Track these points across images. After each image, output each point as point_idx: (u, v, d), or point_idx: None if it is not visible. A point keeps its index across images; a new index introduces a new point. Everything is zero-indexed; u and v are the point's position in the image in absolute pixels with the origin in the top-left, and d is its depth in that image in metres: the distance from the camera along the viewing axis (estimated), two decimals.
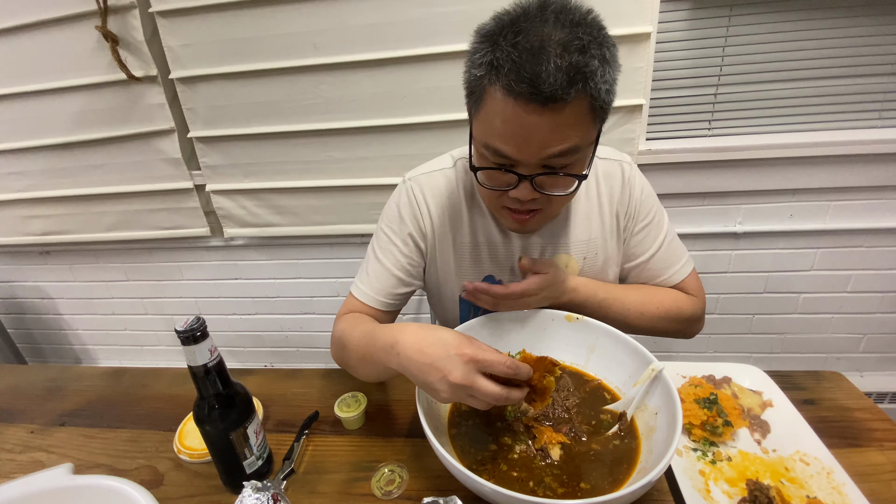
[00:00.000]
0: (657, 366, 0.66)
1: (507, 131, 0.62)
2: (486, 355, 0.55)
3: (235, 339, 2.02)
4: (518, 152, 0.63)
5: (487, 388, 0.55)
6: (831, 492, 0.61)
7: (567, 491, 0.59)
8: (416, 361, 0.58)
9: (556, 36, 0.56)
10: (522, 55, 0.56)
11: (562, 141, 0.61)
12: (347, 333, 0.75)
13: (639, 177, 0.87)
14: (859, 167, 1.40)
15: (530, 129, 0.60)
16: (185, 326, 0.57)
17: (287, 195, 1.62)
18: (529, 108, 0.58)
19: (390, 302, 0.85)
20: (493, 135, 0.64)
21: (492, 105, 0.62)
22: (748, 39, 1.35)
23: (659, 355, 0.68)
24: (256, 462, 0.67)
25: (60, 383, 0.97)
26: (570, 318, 0.78)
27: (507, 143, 0.63)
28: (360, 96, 1.45)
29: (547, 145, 0.61)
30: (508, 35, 0.58)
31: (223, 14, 1.38)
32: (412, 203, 0.85)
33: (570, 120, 0.60)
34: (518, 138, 0.62)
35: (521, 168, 0.65)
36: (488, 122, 0.64)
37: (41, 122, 1.59)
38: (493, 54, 0.59)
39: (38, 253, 1.94)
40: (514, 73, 0.57)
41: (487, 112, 0.63)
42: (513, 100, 0.59)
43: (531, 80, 0.56)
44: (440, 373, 0.55)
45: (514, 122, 0.60)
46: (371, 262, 0.86)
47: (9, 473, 0.76)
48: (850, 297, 1.60)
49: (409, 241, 0.85)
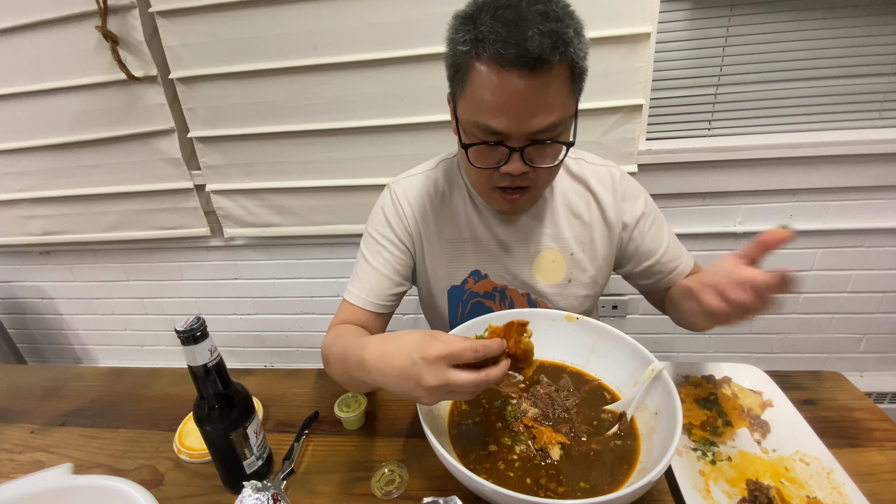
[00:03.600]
0: (657, 366, 0.66)
1: (496, 102, 0.64)
2: (451, 348, 0.53)
3: (235, 339, 2.02)
4: (508, 124, 0.65)
5: (463, 380, 0.53)
6: (831, 492, 0.61)
7: (567, 491, 0.59)
8: (387, 375, 0.57)
9: (534, 8, 0.60)
10: (507, 26, 0.60)
11: (548, 111, 0.64)
12: (328, 350, 0.75)
13: (630, 182, 0.88)
14: (859, 167, 1.40)
15: (519, 98, 0.62)
16: (185, 326, 0.57)
17: (287, 195, 1.62)
18: (517, 75, 0.61)
19: (383, 304, 0.86)
20: (482, 109, 0.65)
21: (478, 79, 0.64)
22: (748, 39, 1.34)
23: (659, 355, 0.68)
24: (256, 462, 0.67)
25: (60, 383, 0.97)
26: (570, 318, 0.78)
27: (496, 115, 0.65)
28: (360, 96, 1.44)
29: (535, 114, 0.64)
30: (489, 11, 0.62)
31: (223, 14, 1.38)
32: (395, 205, 0.88)
33: (554, 87, 0.63)
34: (507, 109, 0.64)
35: (510, 142, 0.67)
36: (475, 98, 0.65)
37: (41, 122, 1.59)
38: (476, 30, 0.62)
39: (38, 253, 1.94)
40: (500, 42, 0.60)
41: (474, 88, 0.65)
42: (500, 68, 0.61)
43: (517, 44, 0.59)
44: (412, 381, 0.54)
45: (502, 91, 0.62)
46: (361, 266, 0.89)
47: (9, 473, 0.76)
48: (850, 297, 1.60)
49: (396, 242, 0.88)
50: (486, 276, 0.89)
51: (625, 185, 0.87)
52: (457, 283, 0.90)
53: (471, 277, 0.90)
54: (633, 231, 0.87)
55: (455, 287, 0.91)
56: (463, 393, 0.55)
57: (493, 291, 0.90)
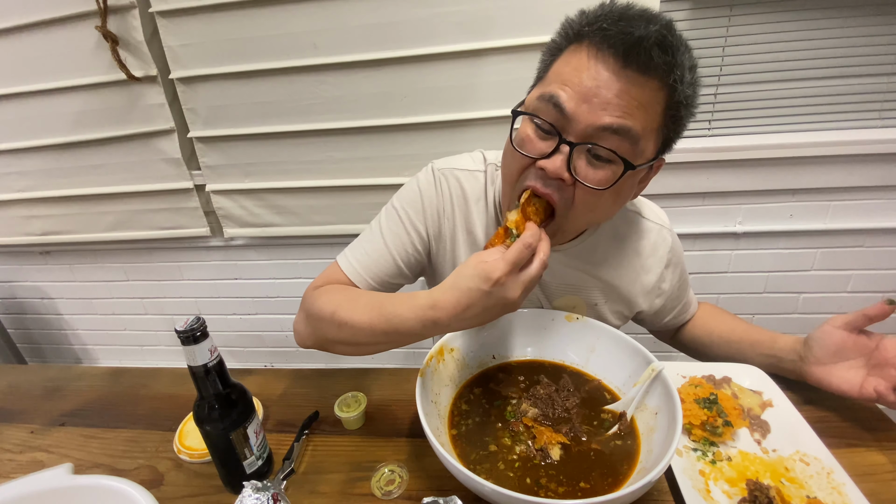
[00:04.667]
0: (657, 366, 0.66)
1: (574, 78, 0.57)
2: (510, 259, 0.55)
3: (235, 339, 2.02)
4: (574, 105, 0.57)
5: (536, 272, 0.57)
6: (831, 492, 0.61)
7: (567, 491, 0.59)
8: (471, 319, 0.58)
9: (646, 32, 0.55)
10: (621, 19, 0.55)
11: (622, 112, 0.56)
12: (346, 308, 0.67)
13: (681, 248, 0.86)
14: (859, 167, 1.40)
15: (599, 83, 0.56)
16: (185, 326, 0.57)
17: (287, 195, 1.62)
18: (610, 60, 0.56)
19: (378, 288, 0.79)
20: (556, 80, 0.59)
21: (568, 58, 0.60)
22: (748, 39, 1.35)
23: (659, 355, 0.68)
24: (256, 462, 0.67)
25: (60, 383, 0.97)
26: (570, 318, 0.78)
27: (567, 89, 0.58)
28: (360, 96, 1.45)
29: (611, 108, 0.56)
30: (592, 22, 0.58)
31: (223, 14, 1.38)
32: (439, 196, 0.79)
33: (640, 96, 0.56)
34: (581, 89, 0.57)
35: (565, 133, 0.59)
36: (554, 74, 0.61)
37: (41, 122, 1.59)
38: (585, 20, 0.59)
39: (38, 253, 1.94)
40: (610, 27, 0.55)
41: (559, 67, 0.60)
42: (596, 51, 0.56)
43: (624, 30, 0.54)
44: (500, 306, 0.57)
45: (588, 71, 0.57)
46: (374, 238, 0.79)
47: (9, 473, 0.76)
48: (850, 297, 1.60)
49: (422, 233, 0.79)
50: None
51: (673, 254, 0.83)
52: None
53: None
54: (665, 297, 0.86)
55: None
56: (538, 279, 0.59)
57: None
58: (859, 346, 0.69)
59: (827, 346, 0.71)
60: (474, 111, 1.41)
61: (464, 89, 1.39)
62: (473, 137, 1.43)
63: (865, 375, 0.67)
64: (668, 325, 0.93)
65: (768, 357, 0.79)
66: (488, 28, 1.31)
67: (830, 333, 0.71)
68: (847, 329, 0.69)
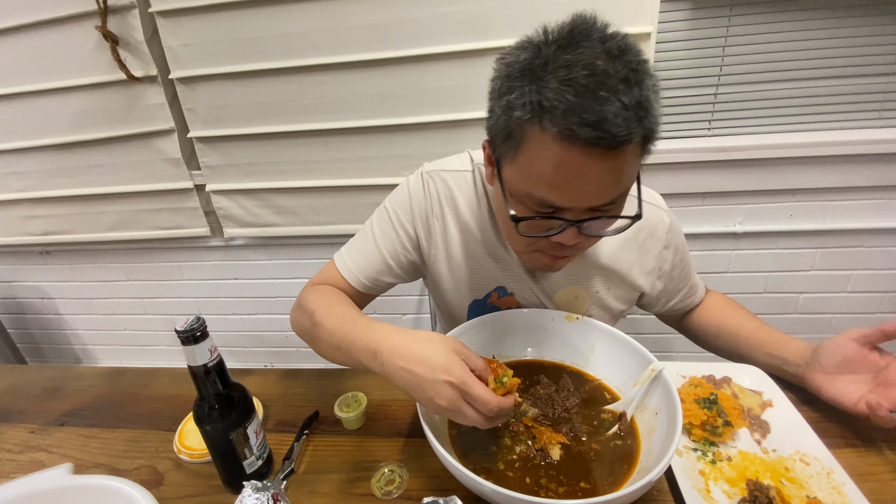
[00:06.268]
0: (657, 366, 0.66)
1: (558, 178, 0.54)
2: (474, 390, 0.52)
3: (235, 339, 2.02)
4: (569, 200, 0.56)
5: (472, 417, 0.53)
6: (831, 492, 0.61)
7: (567, 491, 0.59)
8: (402, 377, 0.56)
9: (612, 69, 0.50)
10: (581, 95, 0.49)
11: (616, 186, 0.56)
12: (323, 311, 0.70)
13: (679, 229, 0.85)
14: (859, 167, 1.40)
15: (588, 176, 0.54)
16: (185, 326, 0.57)
17: (287, 195, 1.62)
18: (591, 153, 0.51)
19: (371, 286, 0.82)
20: (540, 183, 0.56)
21: (538, 151, 0.54)
22: (748, 39, 1.35)
23: (659, 355, 0.68)
24: (256, 462, 0.67)
25: (60, 383, 0.97)
26: (570, 318, 0.78)
27: (556, 191, 0.56)
28: (360, 96, 1.45)
29: (602, 191, 0.55)
30: (557, 71, 0.51)
31: (223, 14, 1.38)
32: (427, 199, 0.80)
33: (628, 160, 0.54)
34: (572, 186, 0.55)
35: (567, 214, 0.58)
36: (533, 169, 0.56)
37: (41, 122, 1.59)
38: (539, 94, 0.51)
39: (38, 253, 1.94)
40: (574, 115, 0.49)
41: (531, 158, 0.55)
42: (569, 145, 0.51)
43: (597, 123, 0.49)
44: (427, 393, 0.54)
45: (569, 168, 0.53)
46: (366, 239, 0.82)
47: (9, 473, 0.76)
48: (850, 297, 1.60)
49: (412, 234, 0.81)
50: (513, 294, 0.84)
51: (672, 234, 0.82)
52: (479, 297, 0.85)
53: (495, 292, 0.85)
54: (666, 279, 0.86)
55: (477, 301, 0.86)
56: (465, 420, 0.54)
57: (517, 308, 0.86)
58: (869, 363, 0.68)
59: (835, 356, 0.69)
60: (474, 111, 1.41)
61: (463, 89, 1.39)
62: (473, 137, 1.43)
63: (866, 392, 0.66)
64: (675, 310, 0.91)
65: (775, 358, 0.78)
66: (488, 28, 1.32)
67: (842, 344, 0.69)
68: (861, 342, 0.68)
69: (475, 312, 0.86)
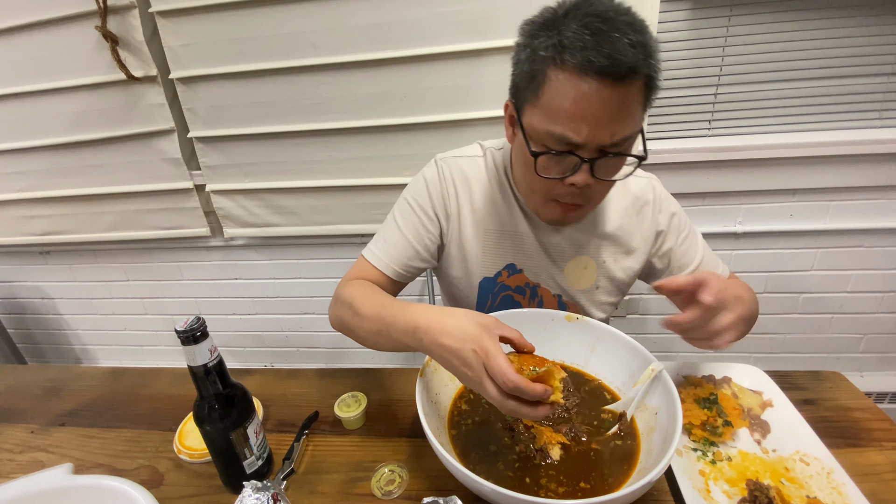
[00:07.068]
0: (657, 366, 0.66)
1: (576, 112, 0.61)
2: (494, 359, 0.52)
3: (235, 339, 2.02)
4: (586, 135, 0.62)
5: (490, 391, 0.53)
6: (831, 492, 0.61)
7: (567, 491, 0.59)
8: (438, 352, 0.58)
9: (621, 19, 0.59)
10: (597, 35, 0.58)
11: (626, 124, 0.63)
12: (360, 301, 0.73)
13: (666, 195, 0.89)
14: (859, 167, 1.40)
15: (601, 108, 0.61)
16: (185, 326, 0.57)
17: (287, 195, 1.62)
18: (604, 84, 0.59)
19: (403, 273, 0.85)
20: (560, 118, 0.63)
21: (558, 87, 0.61)
22: (748, 39, 1.34)
23: (659, 355, 0.68)
24: (256, 462, 0.67)
25: (60, 383, 0.97)
26: (570, 318, 0.78)
27: (574, 124, 0.62)
28: (360, 96, 1.44)
29: (613, 125, 0.62)
30: (575, 18, 0.60)
31: (223, 14, 1.38)
32: (442, 182, 0.86)
33: (633, 97, 0.62)
34: (587, 118, 0.61)
35: (581, 152, 0.65)
36: (553, 106, 0.63)
37: (41, 122, 1.59)
38: (560, 35, 0.60)
39: (38, 253, 1.94)
40: (590, 50, 0.58)
41: (552, 96, 0.63)
42: (585, 77, 0.59)
43: (610, 53, 0.57)
44: (455, 364, 0.56)
45: (584, 100, 0.60)
46: (390, 229, 0.86)
47: (9, 473, 0.76)
48: (850, 297, 1.60)
49: (431, 216, 0.86)
50: (521, 270, 0.88)
51: (663, 198, 0.88)
52: (490, 274, 0.89)
53: (505, 270, 0.89)
54: (664, 241, 0.88)
55: (488, 279, 0.89)
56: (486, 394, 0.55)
57: (525, 287, 0.90)
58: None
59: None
60: (474, 111, 1.41)
61: (463, 89, 1.39)
62: (473, 137, 1.41)
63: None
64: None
65: None
66: (487, 28, 1.31)
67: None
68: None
69: (484, 289, 0.90)
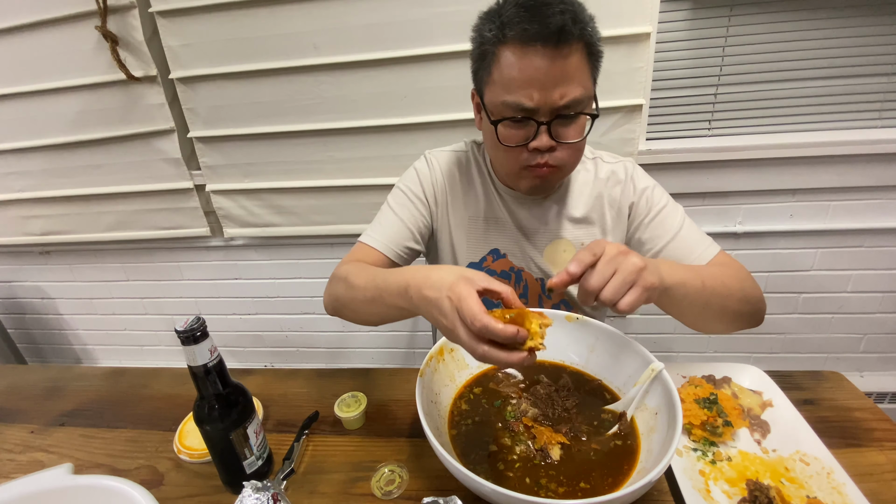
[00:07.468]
0: (657, 366, 0.66)
1: (523, 78, 0.69)
2: (465, 302, 0.52)
3: (235, 339, 2.02)
4: (536, 98, 0.70)
5: (462, 336, 0.53)
6: (831, 492, 0.61)
7: (567, 491, 0.59)
8: (423, 305, 0.59)
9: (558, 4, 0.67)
10: (530, 10, 0.67)
11: (571, 84, 0.70)
12: (354, 275, 0.76)
13: (641, 172, 0.92)
14: (859, 167, 1.40)
15: (544, 71, 0.68)
16: (185, 326, 0.57)
17: (287, 195, 1.62)
18: (542, 50, 0.67)
19: (400, 254, 0.89)
20: (511, 87, 0.71)
21: (505, 61, 0.70)
22: (748, 39, 1.34)
23: (659, 355, 0.68)
24: (256, 462, 0.67)
25: (60, 383, 0.97)
26: (570, 318, 0.78)
27: (524, 90, 0.70)
28: (360, 96, 1.44)
29: (559, 86, 0.69)
30: (511, 2, 0.69)
31: (223, 14, 1.38)
32: (431, 172, 0.93)
33: (575, 62, 0.69)
34: (534, 82, 0.69)
35: (537, 116, 0.72)
36: (503, 78, 0.71)
37: (41, 122, 1.59)
38: (500, 16, 0.70)
39: (38, 253, 1.94)
40: (525, 21, 0.67)
41: (501, 69, 0.71)
42: (525, 46, 0.68)
43: (540, 20, 0.66)
44: (434, 313, 0.57)
45: (528, 66, 0.68)
46: (386, 214, 0.92)
47: (9, 473, 0.76)
48: (850, 297, 1.60)
49: (423, 201, 0.92)
50: (505, 255, 0.93)
51: (636, 176, 0.91)
52: (475, 260, 0.94)
53: (489, 255, 0.94)
54: (636, 215, 0.89)
55: (473, 264, 0.94)
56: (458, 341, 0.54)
57: (510, 272, 0.94)
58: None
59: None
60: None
61: (463, 89, 1.38)
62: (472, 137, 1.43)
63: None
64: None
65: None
66: None
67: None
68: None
69: None
